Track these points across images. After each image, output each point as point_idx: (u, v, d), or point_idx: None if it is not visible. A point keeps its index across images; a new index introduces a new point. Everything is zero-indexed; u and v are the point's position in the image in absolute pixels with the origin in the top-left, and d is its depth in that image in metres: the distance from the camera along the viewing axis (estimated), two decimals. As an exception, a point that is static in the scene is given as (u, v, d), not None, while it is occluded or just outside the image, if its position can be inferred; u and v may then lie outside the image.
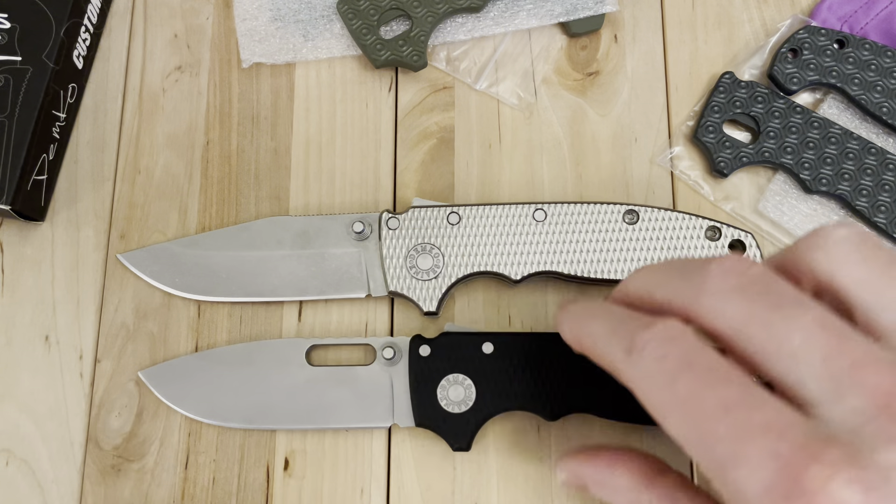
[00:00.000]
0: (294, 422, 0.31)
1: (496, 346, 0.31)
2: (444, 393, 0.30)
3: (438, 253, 0.32)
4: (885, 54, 0.35)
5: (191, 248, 0.34)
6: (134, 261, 0.34)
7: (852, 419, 0.18)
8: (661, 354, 0.21)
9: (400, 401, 0.31)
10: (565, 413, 0.30)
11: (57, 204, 0.36)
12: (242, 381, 0.32)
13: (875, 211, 0.33)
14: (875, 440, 0.17)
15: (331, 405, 0.31)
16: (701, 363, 0.20)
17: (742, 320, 0.20)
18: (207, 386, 0.32)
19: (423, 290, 0.32)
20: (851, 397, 0.18)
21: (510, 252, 0.32)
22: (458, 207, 0.32)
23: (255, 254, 0.33)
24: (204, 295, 0.33)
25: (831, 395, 0.18)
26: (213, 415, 0.32)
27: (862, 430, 0.18)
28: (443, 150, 0.36)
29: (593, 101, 0.37)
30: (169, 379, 0.32)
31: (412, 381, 0.31)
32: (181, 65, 0.38)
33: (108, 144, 0.37)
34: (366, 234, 0.33)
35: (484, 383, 0.30)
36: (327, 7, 0.38)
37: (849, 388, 0.18)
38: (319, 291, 0.33)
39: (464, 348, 0.31)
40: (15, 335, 0.34)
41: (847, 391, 0.18)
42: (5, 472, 0.32)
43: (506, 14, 0.37)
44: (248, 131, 0.37)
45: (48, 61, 0.34)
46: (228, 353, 0.33)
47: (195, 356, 0.33)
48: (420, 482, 0.32)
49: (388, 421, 0.31)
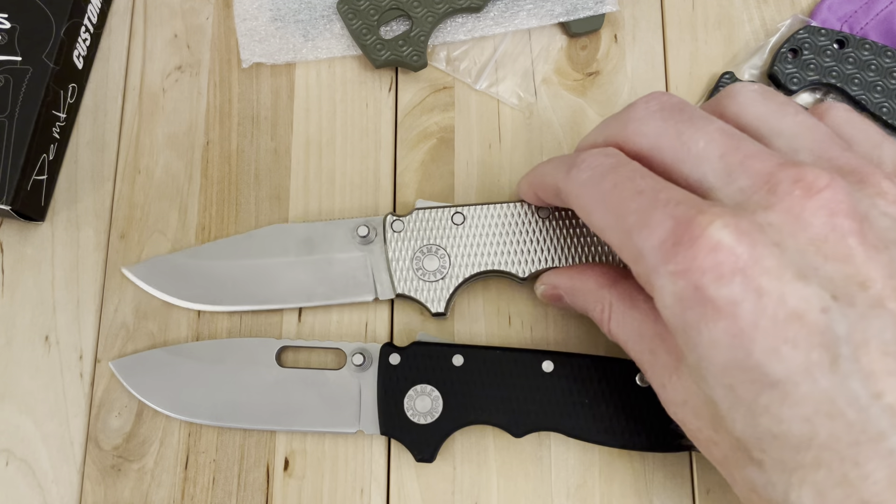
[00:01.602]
0: (261, 422, 0.31)
1: (466, 358, 0.31)
2: (410, 403, 0.30)
3: (444, 254, 0.32)
4: (885, 54, 0.35)
5: (194, 259, 0.34)
6: (138, 274, 0.34)
7: (739, 195, 0.22)
8: (595, 164, 0.25)
9: (367, 407, 0.31)
10: (531, 430, 0.30)
11: (57, 204, 0.36)
12: (212, 378, 0.32)
13: (875, 211, 0.33)
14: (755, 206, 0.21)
15: (298, 407, 0.31)
16: (625, 168, 0.24)
17: (659, 133, 0.24)
18: (177, 381, 0.32)
19: (430, 292, 0.32)
20: (740, 180, 0.22)
21: (516, 250, 0.32)
22: (462, 207, 0.32)
23: (260, 262, 0.33)
24: (210, 305, 0.33)
25: (725, 180, 0.22)
26: (181, 410, 0.32)
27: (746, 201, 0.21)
28: (443, 150, 0.36)
29: (593, 101, 0.37)
30: (139, 371, 0.32)
31: (380, 389, 0.31)
32: (181, 65, 0.38)
33: (108, 144, 0.37)
34: (370, 237, 0.33)
35: (451, 395, 0.30)
36: (327, 7, 0.38)
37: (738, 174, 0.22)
38: (326, 297, 0.33)
39: (433, 359, 0.31)
40: (15, 335, 0.34)
41: (737, 176, 0.22)
42: (5, 472, 0.32)
43: (506, 14, 0.37)
44: (248, 131, 0.37)
45: (48, 61, 0.34)
46: (199, 348, 0.33)
47: (166, 350, 0.33)
48: (420, 482, 0.32)
49: (355, 427, 0.31)
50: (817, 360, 0.19)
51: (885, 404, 0.19)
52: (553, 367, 0.30)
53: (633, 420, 0.30)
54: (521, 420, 0.30)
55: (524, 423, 0.30)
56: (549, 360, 0.30)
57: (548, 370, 0.30)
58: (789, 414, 0.20)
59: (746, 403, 0.21)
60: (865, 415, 0.19)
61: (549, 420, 0.30)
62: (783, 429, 0.20)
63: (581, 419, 0.30)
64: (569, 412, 0.30)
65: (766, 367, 0.20)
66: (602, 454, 0.32)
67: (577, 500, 0.31)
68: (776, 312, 0.20)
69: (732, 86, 0.26)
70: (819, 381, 0.19)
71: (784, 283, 0.20)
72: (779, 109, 0.24)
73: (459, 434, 0.32)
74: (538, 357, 0.31)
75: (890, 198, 0.22)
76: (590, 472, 0.31)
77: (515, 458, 0.32)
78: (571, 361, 0.30)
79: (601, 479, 0.31)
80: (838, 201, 0.20)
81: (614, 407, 0.30)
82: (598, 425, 0.30)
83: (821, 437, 0.20)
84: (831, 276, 0.20)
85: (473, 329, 0.34)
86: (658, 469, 0.31)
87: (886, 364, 0.19)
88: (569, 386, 0.30)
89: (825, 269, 0.20)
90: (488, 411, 0.30)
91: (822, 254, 0.20)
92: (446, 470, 0.32)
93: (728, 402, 0.21)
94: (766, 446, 0.21)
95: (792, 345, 0.20)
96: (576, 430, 0.30)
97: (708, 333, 0.21)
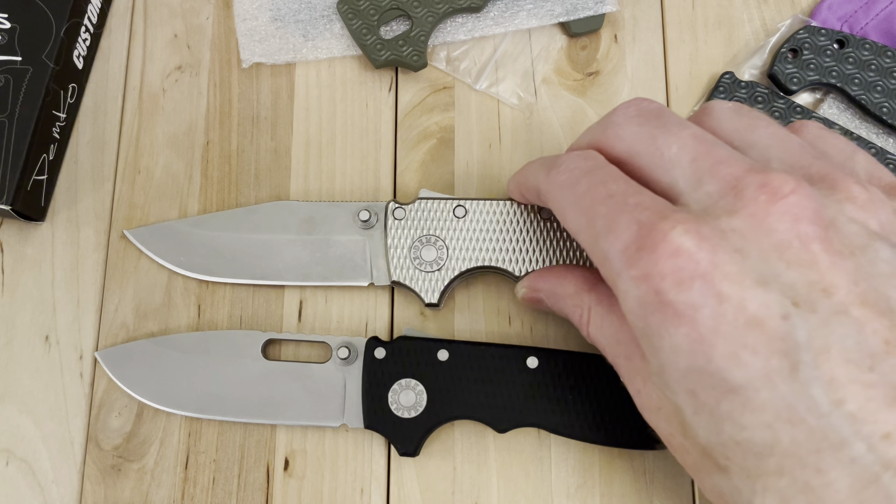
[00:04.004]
0: (245, 414, 0.31)
1: (451, 353, 0.31)
2: (394, 397, 0.30)
3: (443, 245, 0.32)
4: (885, 54, 0.35)
5: (197, 228, 0.34)
6: (140, 238, 0.34)
7: (706, 200, 0.22)
8: (573, 167, 0.25)
9: (351, 401, 0.31)
10: (514, 426, 0.30)
11: (57, 204, 0.36)
12: (197, 370, 0.32)
13: (875, 211, 0.33)
14: (719, 211, 0.21)
15: (282, 400, 0.31)
16: (600, 172, 0.24)
17: (635, 138, 0.24)
18: (162, 371, 0.32)
19: (425, 282, 0.32)
20: (708, 185, 0.22)
21: (515, 248, 0.32)
22: (464, 201, 0.32)
23: (261, 237, 0.34)
24: (207, 275, 0.34)
25: (693, 185, 0.22)
26: (166, 401, 0.32)
27: (712, 207, 0.21)
28: (443, 150, 0.36)
29: (593, 101, 0.37)
30: (125, 362, 0.32)
31: (364, 382, 0.31)
32: (181, 65, 0.38)
33: (108, 144, 0.37)
34: (371, 222, 0.33)
35: (436, 390, 0.30)
36: (327, 7, 0.38)
37: (707, 178, 0.22)
38: (322, 277, 0.33)
39: (419, 354, 0.31)
40: (15, 335, 0.34)
41: (705, 181, 0.22)
42: (5, 472, 0.32)
43: (506, 14, 0.37)
44: (248, 131, 0.37)
45: (48, 61, 0.34)
46: (185, 340, 0.33)
47: (152, 341, 0.33)
48: (420, 482, 0.32)
49: (339, 420, 0.31)
50: (777, 366, 0.19)
51: (845, 412, 0.19)
52: (538, 364, 0.30)
53: (616, 417, 0.30)
54: (504, 416, 0.30)
55: (508, 418, 0.30)
56: (533, 357, 0.30)
57: (532, 366, 0.30)
58: (751, 420, 0.20)
59: (709, 409, 0.21)
60: (826, 422, 0.19)
61: (533, 416, 0.30)
62: (745, 436, 0.20)
63: (565, 415, 0.30)
64: (553, 408, 0.30)
65: (726, 373, 0.20)
66: (602, 454, 0.32)
67: (577, 500, 0.31)
68: (736, 318, 0.20)
69: (708, 103, 0.26)
70: (779, 387, 0.19)
71: (744, 288, 0.20)
72: (752, 123, 0.25)
73: (459, 434, 0.32)
74: (523, 353, 0.31)
75: (859, 203, 0.21)
76: (590, 472, 0.31)
77: (515, 458, 0.32)
78: (556, 358, 0.30)
79: (601, 479, 0.31)
80: (803, 207, 0.20)
81: (598, 404, 0.30)
82: (581, 422, 0.30)
83: (783, 445, 0.19)
84: (793, 283, 0.20)
85: (474, 329, 0.34)
86: (658, 469, 0.31)
87: (848, 371, 0.19)
88: (553, 382, 0.30)
89: (787, 276, 0.20)
90: (472, 406, 0.30)
91: (785, 260, 0.20)
92: (446, 470, 0.32)
93: (691, 408, 0.21)
94: (729, 453, 0.21)
95: (751, 351, 0.20)
96: (559, 427, 0.30)
97: (669, 339, 0.21)
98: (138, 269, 0.35)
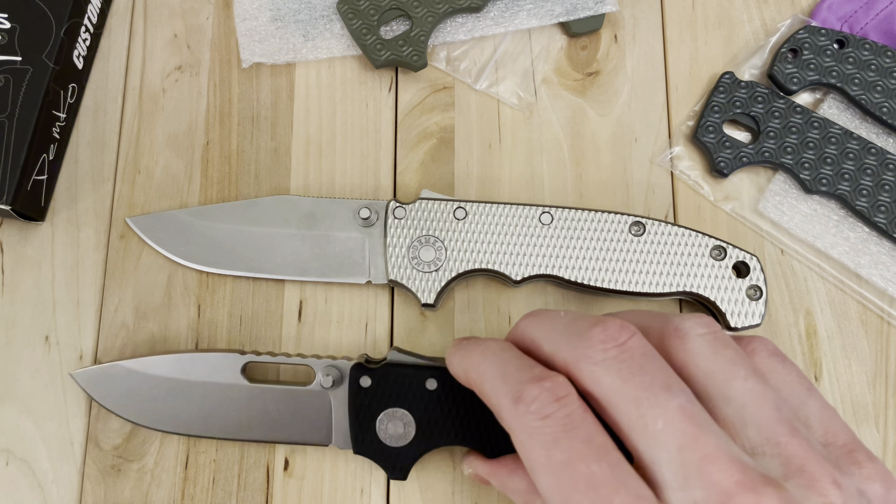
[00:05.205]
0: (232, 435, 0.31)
1: (440, 382, 0.30)
2: (382, 426, 0.30)
3: (442, 246, 0.32)
4: (885, 54, 0.35)
5: (198, 219, 0.34)
6: (141, 225, 0.34)
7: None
8: (546, 414, 0.22)
9: (339, 426, 0.30)
10: (505, 452, 0.29)
11: (57, 204, 0.36)
12: (177, 394, 0.31)
13: (875, 211, 0.33)
14: None
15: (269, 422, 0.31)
16: (580, 433, 0.22)
17: (615, 392, 0.22)
18: (142, 394, 0.31)
19: (422, 282, 0.32)
20: (695, 489, 0.20)
21: (513, 252, 0.32)
22: (465, 203, 0.32)
23: (261, 230, 0.34)
24: (207, 266, 0.34)
25: (680, 482, 0.21)
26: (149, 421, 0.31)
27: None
28: (443, 150, 0.36)
29: (593, 101, 0.37)
30: (104, 383, 0.32)
31: (351, 411, 0.30)
32: (181, 65, 0.38)
33: (108, 144, 0.37)
34: (372, 220, 0.33)
35: (424, 421, 0.29)
36: (327, 7, 0.38)
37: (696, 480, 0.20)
38: (320, 273, 0.33)
39: (406, 383, 0.30)
40: (15, 335, 0.34)
41: (693, 482, 0.20)
42: (5, 472, 0.32)
43: (506, 14, 0.37)
44: (248, 131, 0.37)
45: (48, 61, 0.34)
46: (162, 363, 0.31)
47: (131, 362, 0.32)
48: (420, 482, 0.32)
49: (327, 442, 0.31)
50: None
51: None
52: None
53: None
54: (495, 440, 0.29)
55: (498, 445, 0.29)
56: None
57: None
58: None
59: None
60: None
61: None
62: None
63: None
64: None
65: None
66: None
67: (577, 500, 0.31)
68: None
69: (681, 324, 0.24)
70: None
71: None
72: (729, 370, 0.23)
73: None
74: None
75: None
76: (590, 472, 0.31)
77: (515, 458, 0.32)
78: None
79: (601, 479, 0.31)
80: None
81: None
82: None
83: None
84: None
85: (474, 329, 0.34)
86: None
87: None
88: None
89: None
90: (462, 434, 0.29)
91: None
92: (446, 470, 0.32)
93: None
94: None
95: None
96: None
97: None
98: (138, 269, 0.35)
